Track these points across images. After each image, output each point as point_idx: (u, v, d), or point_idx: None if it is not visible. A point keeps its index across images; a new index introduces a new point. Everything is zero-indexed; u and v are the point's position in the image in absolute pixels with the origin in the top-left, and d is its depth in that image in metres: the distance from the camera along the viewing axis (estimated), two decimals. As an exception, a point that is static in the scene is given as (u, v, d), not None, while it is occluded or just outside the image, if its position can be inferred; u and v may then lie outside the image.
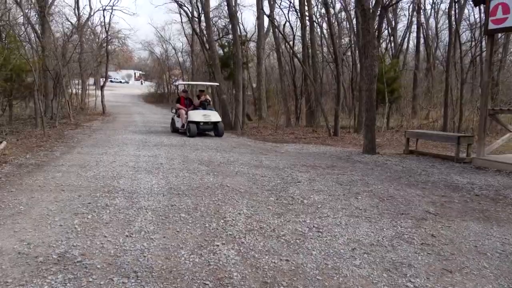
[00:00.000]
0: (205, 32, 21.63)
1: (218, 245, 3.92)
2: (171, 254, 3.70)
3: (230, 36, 21.45)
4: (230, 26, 19.78)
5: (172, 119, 15.43)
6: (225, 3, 19.31)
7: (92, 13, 28.79)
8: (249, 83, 28.00)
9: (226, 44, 23.67)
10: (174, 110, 15.34)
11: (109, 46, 28.58)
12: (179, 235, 4.16)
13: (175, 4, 26.82)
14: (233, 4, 19.10)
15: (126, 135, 13.73)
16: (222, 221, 4.64)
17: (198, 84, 18.19)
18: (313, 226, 4.54)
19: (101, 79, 35.00)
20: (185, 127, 13.87)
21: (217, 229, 4.38)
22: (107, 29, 27.14)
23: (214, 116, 13.96)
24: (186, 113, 13.92)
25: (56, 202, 5.22)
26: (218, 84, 16.71)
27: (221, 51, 23.26)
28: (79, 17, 27.31)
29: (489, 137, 12.49)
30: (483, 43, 15.47)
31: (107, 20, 27.86)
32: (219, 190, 6.09)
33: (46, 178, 6.63)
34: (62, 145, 10.67)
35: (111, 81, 72.08)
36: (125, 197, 5.55)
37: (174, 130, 15.09)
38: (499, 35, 15.17)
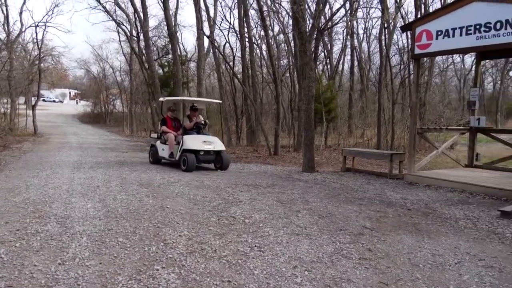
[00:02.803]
0: (144, 51, 21.34)
1: (158, 269, 3.80)
2: (107, 281, 3.53)
3: (170, 55, 21.33)
4: (170, 46, 19.69)
5: (153, 146, 11.91)
6: (165, 23, 19.22)
7: (23, 29, 27.43)
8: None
9: (166, 63, 23.49)
10: (155, 134, 12.13)
11: (42, 64, 27.33)
12: (116, 261, 3.99)
13: (113, 23, 26.29)
14: (173, 24, 19.06)
15: (60, 156, 13.09)
16: (162, 244, 4.52)
17: (194, 101, 12.69)
18: (255, 246, 4.54)
19: (32, 98, 33.29)
20: (175, 157, 10.70)
21: (157, 252, 4.26)
22: (39, 46, 26.00)
23: (216, 143, 10.78)
24: (176, 139, 10.92)
25: (-20, 230, 4.83)
26: (220, 101, 13.46)
27: (160, 71, 23.03)
28: (8, 33, 25.95)
29: (419, 154, 13.24)
30: (411, 66, 16.53)
31: (39, 37, 26.61)
32: (159, 212, 5.94)
33: (-31, 204, 6.14)
34: (-13, 169, 9.95)
35: (44, 100, 68.80)
36: (58, 222, 5.26)
37: (155, 160, 11.75)
38: (425, 59, 16.28)
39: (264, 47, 24.25)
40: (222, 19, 32.42)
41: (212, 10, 22.88)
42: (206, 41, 22.57)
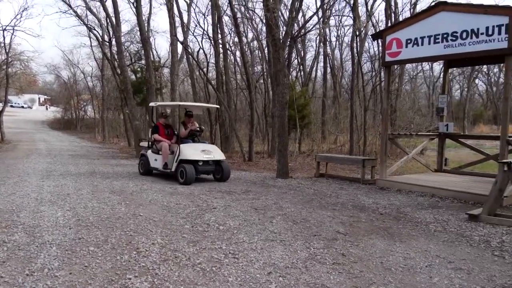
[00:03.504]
0: (116, 56, 21.05)
1: (130, 278, 3.74)
2: (78, 291, 3.45)
3: (143, 61, 21.09)
4: (143, 52, 19.47)
5: (143, 155, 10.90)
6: (138, 28, 19.01)
7: (-11, 33, 26.58)
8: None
9: (139, 69, 23.20)
10: (146, 143, 11.12)
11: (9, 69, 26.55)
12: (87, 270, 3.90)
13: (85, 27, 25.83)
14: (146, 30, 18.90)
15: (28, 164, 12.72)
16: (135, 252, 4.45)
17: (190, 106, 11.51)
18: (229, 252, 4.52)
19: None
20: (170, 168, 9.77)
21: (129, 261, 4.18)
22: (7, 51, 25.25)
23: (216, 152, 9.99)
24: (170, 148, 10.06)
25: None
26: (218, 106, 12.30)
27: (133, 76, 22.73)
28: (-27, 37, 25.15)
29: (390, 159, 13.50)
30: (382, 73, 16.88)
31: (7, 41, 25.76)
32: (132, 220, 5.84)
33: None
34: (-49, 177, 9.58)
35: (12, 106, 66.80)
36: (26, 232, 5.10)
37: (146, 171, 10.67)
38: (395, 66, 16.65)
39: (238, 53, 24.33)
40: (196, 25, 32.40)
41: (185, 16, 22.80)
42: (179, 47, 22.45)
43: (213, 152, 9.80)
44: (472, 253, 4.68)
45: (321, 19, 21.42)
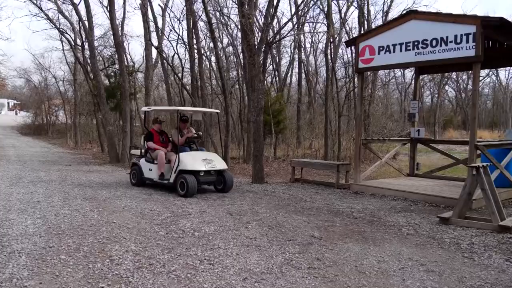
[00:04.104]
0: (89, 61, 20.70)
1: (103, 287, 3.67)
2: (48, 301, 3.36)
3: (117, 66, 20.80)
4: (117, 56, 19.21)
5: (135, 165, 9.95)
6: (111, 32, 18.75)
7: (-45, 36, 25.75)
8: (138, 114, 27.24)
9: (112, 74, 22.85)
10: (137, 151, 10.31)
11: (-24, 73, 25.74)
12: (58, 280, 3.81)
13: (56, 31, 25.29)
14: (120, 34, 18.65)
15: (-4, 171, 12.34)
16: (108, 260, 4.37)
17: (189, 111, 10.94)
18: (204, 259, 4.49)
19: (-35, 108, 31.24)
20: (168, 179, 9.00)
21: (102, 269, 4.10)
22: (-26, 54, 24.51)
23: (218, 160, 9.19)
24: (167, 156, 9.26)
25: None
26: (218, 111, 11.06)
27: (107, 81, 22.38)
28: None
29: (364, 164, 13.70)
30: (355, 79, 17.15)
31: (-26, 44, 25.08)
32: (105, 227, 5.74)
33: None
34: None
35: (-21, 111, 64.76)
36: (-6, 241, 4.94)
37: (139, 182, 9.71)
38: (368, 73, 16.94)
39: (213, 58, 24.27)
40: (171, 30, 32.18)
41: (160, 20, 22.65)
42: (154, 52, 22.26)
43: (215, 161, 9.04)
44: (443, 255, 4.79)
45: (296, 26, 21.63)
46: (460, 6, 48.56)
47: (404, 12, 10.80)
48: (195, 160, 8.79)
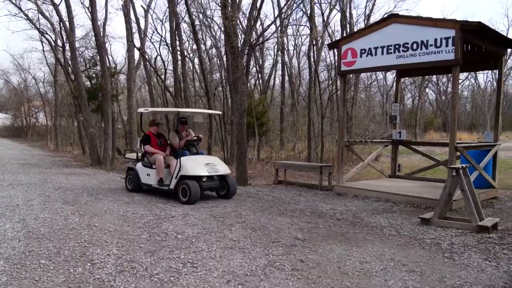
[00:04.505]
0: (70, 62, 20.41)
1: (84, 291, 3.61)
2: (27, 307, 3.29)
3: (98, 67, 20.57)
4: (98, 57, 18.99)
5: (131, 169, 9.41)
6: (93, 33, 18.54)
7: None
8: (120, 116, 26.98)
9: (94, 75, 22.59)
10: (133, 154, 9.79)
11: (-47, 74, 25.16)
12: (38, 285, 3.74)
13: (36, 31, 24.89)
14: (101, 35, 18.44)
15: (-26, 174, 12.06)
16: (89, 264, 4.31)
17: (189, 112, 10.71)
18: (188, 262, 4.46)
19: None
20: (168, 184, 8.51)
21: (83, 273, 4.04)
22: (-50, 54, 23.95)
23: (220, 165, 8.67)
24: (165, 160, 8.79)
25: None
26: (220, 113, 9.90)
27: (88, 83, 22.10)
28: None
29: (347, 165, 13.80)
30: (338, 82, 17.29)
31: (-49, 44, 24.50)
32: (86, 231, 5.66)
33: None
34: None
35: (-45, 113, 63.17)
36: (-29, 245, 4.83)
37: (136, 187, 9.21)
38: (351, 75, 17.11)
39: (196, 60, 24.21)
40: (154, 32, 31.76)
41: (142, 22, 22.47)
42: (136, 53, 22.08)
43: (217, 166, 8.50)
44: (424, 255, 4.86)
45: (279, 28, 21.71)
46: (440, 10, 49.47)
47: (386, 15, 10.93)
48: (197, 165, 8.26)
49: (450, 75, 9.42)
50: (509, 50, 20.42)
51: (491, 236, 5.70)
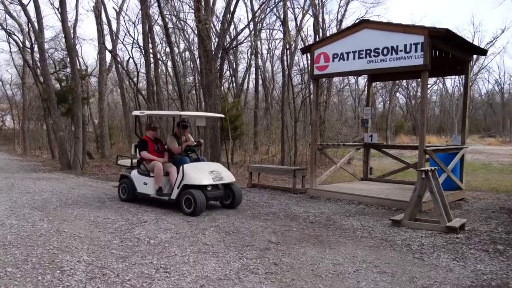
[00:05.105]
0: (39, 64, 19.89)
1: (53, 299, 3.52)
2: (-7, 317, 3.18)
3: (68, 69, 20.15)
4: (68, 59, 18.60)
5: (125, 177, 8.62)
6: (63, 35, 18.15)
7: None
8: (91, 120, 26.48)
9: (64, 77, 22.11)
10: (127, 161, 9.06)
11: None
12: (4, 293, 3.62)
13: (3, 32, 24.17)
14: (72, 36, 18.08)
15: None
16: (59, 271, 4.20)
17: (191, 116, 10.21)
18: (160, 267, 4.41)
19: None
20: (169, 194, 7.77)
21: (52, 281, 3.94)
22: None
23: (225, 172, 8.01)
24: (164, 168, 8.04)
25: None
26: (223, 116, 9.62)
27: (58, 85, 21.62)
28: None
29: (320, 169, 13.93)
30: (311, 86, 17.47)
31: None
32: (55, 237, 5.51)
33: None
34: None
35: None
36: None
37: (131, 197, 8.45)
38: (323, 79, 17.33)
39: (169, 63, 24.03)
40: (126, 34, 31.42)
41: (114, 24, 22.23)
42: (108, 56, 21.77)
43: (222, 174, 7.85)
44: (395, 256, 4.95)
45: (253, 32, 21.81)
46: (409, 17, 50.72)
47: (357, 21, 11.14)
48: (201, 173, 7.59)
49: (419, 80, 9.67)
50: (475, 56, 21.12)
51: (458, 236, 5.87)
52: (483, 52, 10.46)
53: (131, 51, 24.54)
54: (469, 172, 13.28)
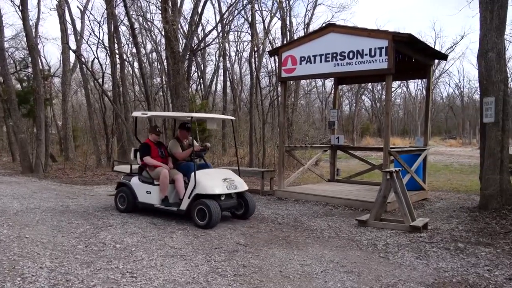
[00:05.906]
0: (-2, 63, 19.13)
1: (13, 308, 3.39)
2: None
3: (30, 69, 19.51)
4: (30, 59, 18.00)
5: (124, 185, 7.73)
6: (24, 34, 17.56)
7: None
8: (54, 121, 25.72)
9: (25, 78, 21.40)
10: (125, 167, 8.17)
11: None
12: (-40, 303, 3.46)
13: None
14: (34, 35, 17.51)
15: None
16: (19, 279, 4.05)
17: (201, 118, 9.69)
18: (127, 272, 4.32)
19: None
20: (177, 204, 7.01)
21: (12, 289, 3.79)
22: None
23: (238, 181, 7.18)
24: (170, 175, 7.18)
25: None
26: (233, 118, 8.97)
27: (19, 86, 20.91)
28: None
29: (288, 170, 14.04)
30: (279, 88, 17.60)
31: None
32: (16, 243, 5.32)
33: None
34: None
35: None
36: None
37: (130, 207, 7.54)
38: (291, 82, 17.48)
39: (136, 64, 23.67)
40: (90, 34, 30.70)
41: (79, 23, 21.67)
42: (72, 56, 21.20)
43: (235, 181, 7.08)
44: (361, 256, 5.05)
45: (221, 34, 21.76)
46: (374, 22, 51.90)
47: (324, 25, 11.30)
48: (215, 181, 6.84)
49: (384, 83, 9.92)
50: (436, 61, 21.83)
51: (422, 235, 6.04)
52: (444, 57, 10.83)
53: (96, 51, 24.15)
54: (432, 172, 13.71)
